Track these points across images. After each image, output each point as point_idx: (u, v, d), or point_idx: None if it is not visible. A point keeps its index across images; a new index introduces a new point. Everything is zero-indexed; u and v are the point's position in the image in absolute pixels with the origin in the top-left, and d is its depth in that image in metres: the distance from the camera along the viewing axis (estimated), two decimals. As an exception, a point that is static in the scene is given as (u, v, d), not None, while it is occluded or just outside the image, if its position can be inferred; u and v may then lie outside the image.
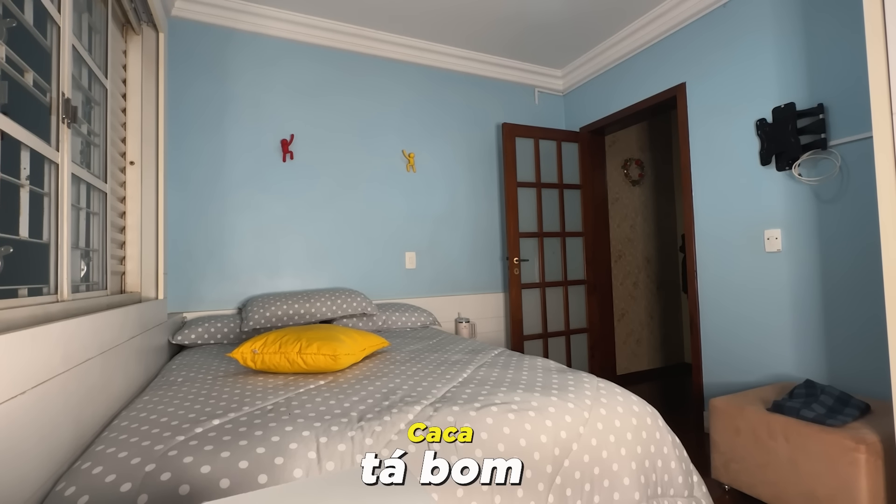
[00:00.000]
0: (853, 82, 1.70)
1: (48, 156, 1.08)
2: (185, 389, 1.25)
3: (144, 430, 0.94)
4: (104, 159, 1.51)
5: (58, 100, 1.13)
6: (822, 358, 1.80)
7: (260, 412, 1.04)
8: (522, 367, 1.41)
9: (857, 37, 1.69)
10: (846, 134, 1.72)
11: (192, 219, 2.20)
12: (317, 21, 2.45)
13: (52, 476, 0.82)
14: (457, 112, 2.89)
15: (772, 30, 1.98)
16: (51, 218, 1.12)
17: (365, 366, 1.49)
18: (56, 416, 0.84)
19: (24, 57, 0.96)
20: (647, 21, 2.49)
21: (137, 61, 1.82)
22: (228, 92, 2.30)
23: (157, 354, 1.69)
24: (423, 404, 1.07)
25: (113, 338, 1.16)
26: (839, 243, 1.76)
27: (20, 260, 1.17)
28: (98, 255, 1.48)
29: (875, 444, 1.28)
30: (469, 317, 2.83)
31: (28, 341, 0.74)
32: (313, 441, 0.90)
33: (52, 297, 1.09)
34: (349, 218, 2.55)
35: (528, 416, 1.05)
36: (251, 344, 1.40)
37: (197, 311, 2.19)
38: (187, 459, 0.82)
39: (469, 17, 2.48)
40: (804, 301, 1.86)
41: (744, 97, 2.09)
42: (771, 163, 1.97)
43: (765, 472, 1.50)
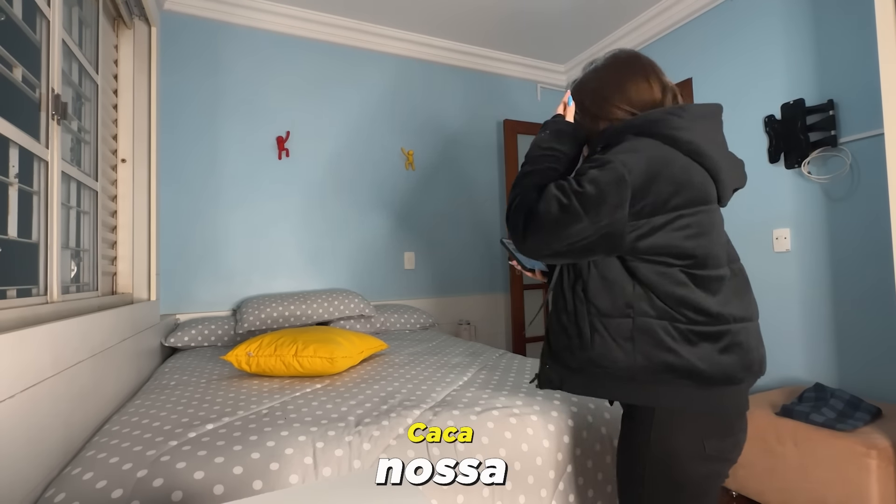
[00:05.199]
0: (864, 77, 1.67)
1: (37, 153, 1.07)
2: (178, 393, 1.23)
3: (136, 435, 0.93)
4: (95, 157, 1.50)
5: (47, 96, 1.11)
6: (832, 361, 1.77)
7: (255, 416, 1.03)
8: (524, 370, 1.40)
9: (867, 31, 1.65)
10: (857, 131, 1.69)
11: (186, 218, 2.18)
12: (313, 15, 2.41)
13: (42, 482, 0.81)
14: (457, 108, 2.86)
15: (780, 24, 1.94)
16: (40, 217, 1.10)
17: (363, 369, 1.47)
18: (45, 421, 0.83)
19: (12, 52, 0.95)
20: (652, 15, 2.45)
21: (129, 56, 1.80)
22: (222, 88, 2.27)
23: (150, 357, 1.67)
24: (422, 408, 1.06)
25: (104, 340, 1.15)
26: (850, 243, 1.72)
27: (8, 260, 1.15)
28: (89, 255, 1.46)
29: (886, 449, 1.26)
30: (469, 318, 2.80)
31: (16, 343, 0.73)
32: (309, 446, 0.89)
33: (41, 299, 1.07)
34: (347, 217, 2.52)
35: (531, 420, 1.04)
36: (246, 346, 1.39)
37: (190, 313, 2.16)
38: (180, 465, 0.82)
39: (470, 11, 2.45)
40: (814, 302, 1.83)
41: (752, 93, 2.05)
42: (779, 160, 1.94)
43: (773, 477, 1.47)
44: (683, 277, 0.72)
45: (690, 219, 0.72)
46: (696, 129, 0.74)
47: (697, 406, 0.73)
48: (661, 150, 0.73)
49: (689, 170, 0.73)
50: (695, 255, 0.72)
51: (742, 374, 0.73)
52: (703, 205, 0.74)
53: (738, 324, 0.74)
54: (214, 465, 0.82)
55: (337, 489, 0.50)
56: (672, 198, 0.71)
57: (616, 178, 0.70)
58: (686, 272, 0.73)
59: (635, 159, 0.71)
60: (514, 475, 0.95)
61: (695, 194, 0.72)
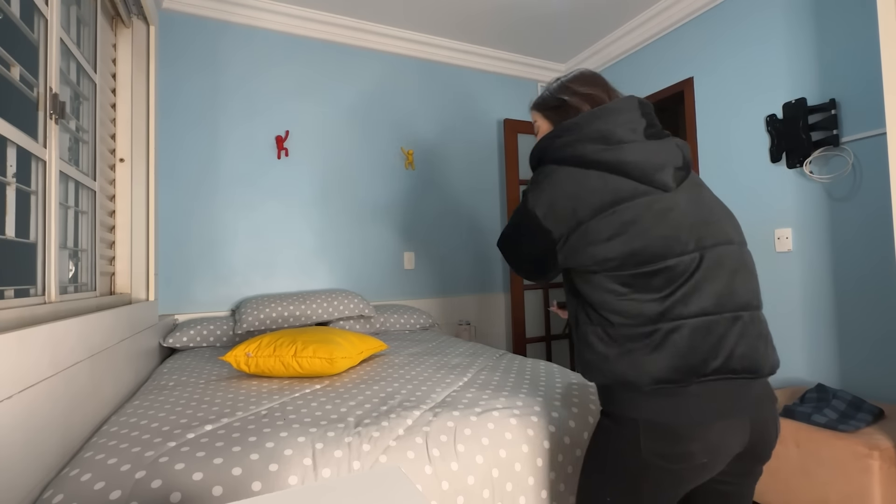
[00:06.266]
0: (866, 76, 1.66)
1: (35, 153, 1.06)
2: (176, 394, 1.23)
3: (135, 436, 0.93)
4: (93, 156, 1.49)
5: (45, 95, 1.10)
6: (834, 361, 1.76)
7: (254, 417, 1.02)
8: (525, 371, 1.39)
9: (870, 30, 1.64)
10: (859, 130, 1.68)
11: (184, 218, 2.17)
12: (313, 14, 2.41)
13: (40, 483, 0.81)
14: (457, 108, 2.85)
15: (782, 23, 1.94)
16: (38, 217, 1.10)
17: (362, 369, 1.46)
18: (43, 422, 0.83)
19: (10, 50, 0.94)
20: (653, 14, 2.44)
21: (127, 55, 1.79)
22: (221, 87, 2.26)
23: (148, 357, 1.67)
24: (422, 409, 1.05)
25: (102, 340, 1.14)
26: (852, 243, 1.71)
27: (6, 260, 1.14)
28: (87, 255, 1.45)
29: (889, 450, 1.26)
30: (469, 318, 2.79)
31: (14, 344, 0.73)
32: (309, 447, 0.88)
33: (39, 299, 1.06)
34: (346, 217, 2.51)
35: (531, 421, 1.03)
36: (245, 347, 1.38)
37: (189, 313, 2.15)
38: (179, 466, 0.81)
39: (469, 9, 2.44)
40: (816, 302, 1.82)
41: (753, 92, 2.04)
42: (781, 160, 1.93)
43: (775, 478, 1.47)
44: (609, 283, 0.73)
45: (605, 221, 0.72)
46: (583, 141, 0.77)
47: (630, 412, 0.72)
48: (555, 173, 0.79)
49: (582, 181, 0.75)
50: (613, 258, 0.72)
51: (678, 377, 0.67)
52: (623, 202, 0.73)
53: (697, 318, 0.68)
54: (213, 467, 0.81)
55: (336, 490, 0.49)
56: (575, 213, 0.75)
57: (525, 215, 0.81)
58: (612, 275, 0.73)
59: (536, 195, 0.79)
60: (515, 476, 0.95)
61: (601, 198, 0.73)
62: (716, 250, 0.73)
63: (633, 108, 0.79)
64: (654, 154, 0.75)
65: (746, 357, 0.69)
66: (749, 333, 0.70)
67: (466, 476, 0.91)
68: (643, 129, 0.77)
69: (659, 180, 0.74)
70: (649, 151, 0.75)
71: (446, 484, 0.89)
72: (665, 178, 0.74)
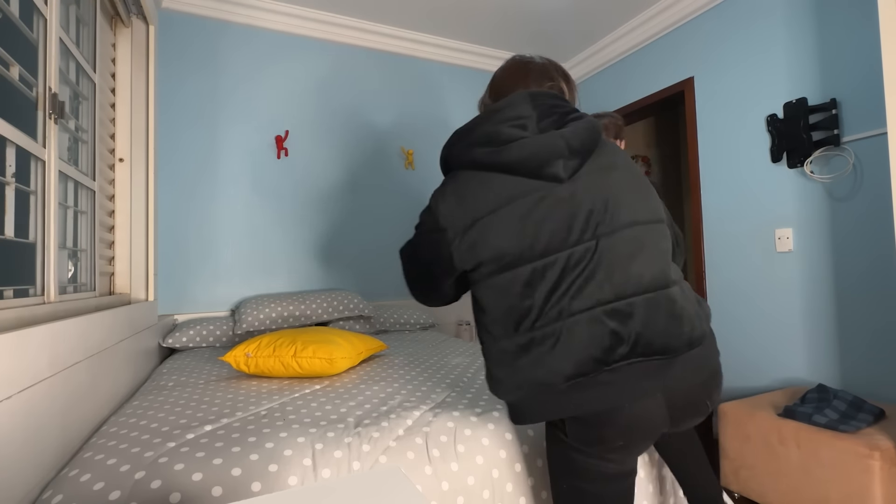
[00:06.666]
0: (867, 76, 1.66)
1: (34, 152, 1.06)
2: (175, 394, 1.23)
3: (134, 437, 0.93)
4: (92, 156, 1.48)
5: (44, 94, 1.10)
6: (835, 361, 1.76)
7: (253, 418, 1.02)
8: (525, 370, 1.38)
9: (870, 29, 1.64)
10: (859, 130, 1.68)
11: (184, 218, 2.17)
12: (313, 13, 2.40)
13: (39, 484, 0.81)
14: (457, 107, 2.85)
15: (783, 22, 1.93)
16: (37, 217, 1.09)
17: (362, 369, 1.46)
18: (42, 422, 0.82)
19: (9, 50, 0.94)
20: (654, 13, 2.44)
21: (127, 55, 1.79)
22: (221, 87, 2.26)
23: (148, 358, 1.67)
24: (422, 409, 1.05)
25: (101, 341, 1.14)
26: (852, 243, 1.71)
27: (5, 260, 1.14)
28: (86, 255, 1.45)
29: (889, 450, 1.25)
30: (469, 319, 2.79)
31: (13, 344, 0.73)
32: (308, 447, 0.88)
33: (38, 299, 1.06)
34: (346, 217, 2.51)
35: (532, 422, 1.02)
36: (244, 347, 1.38)
37: (188, 314, 2.15)
38: (178, 466, 0.81)
39: (470, 9, 2.44)
40: (816, 303, 1.82)
41: (754, 92, 2.04)
42: (782, 160, 1.93)
43: (776, 479, 1.47)
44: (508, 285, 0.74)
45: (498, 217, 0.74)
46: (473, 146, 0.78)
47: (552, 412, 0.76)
48: (457, 176, 0.80)
49: (483, 181, 0.76)
50: (507, 254, 0.73)
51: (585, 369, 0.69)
52: (517, 199, 0.74)
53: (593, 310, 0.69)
54: (213, 467, 0.81)
55: (336, 491, 0.49)
56: (472, 211, 0.76)
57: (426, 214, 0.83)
58: (509, 275, 0.74)
59: (438, 197, 0.81)
60: (515, 477, 0.95)
61: (497, 196, 0.74)
62: (613, 237, 0.72)
63: (523, 103, 0.79)
64: (540, 148, 0.74)
65: (657, 338, 0.69)
66: (656, 315, 0.70)
67: (466, 476, 0.90)
68: (535, 122, 0.77)
69: (548, 174, 0.74)
70: (537, 146, 0.74)
71: (446, 484, 0.88)
72: (554, 170, 0.74)
